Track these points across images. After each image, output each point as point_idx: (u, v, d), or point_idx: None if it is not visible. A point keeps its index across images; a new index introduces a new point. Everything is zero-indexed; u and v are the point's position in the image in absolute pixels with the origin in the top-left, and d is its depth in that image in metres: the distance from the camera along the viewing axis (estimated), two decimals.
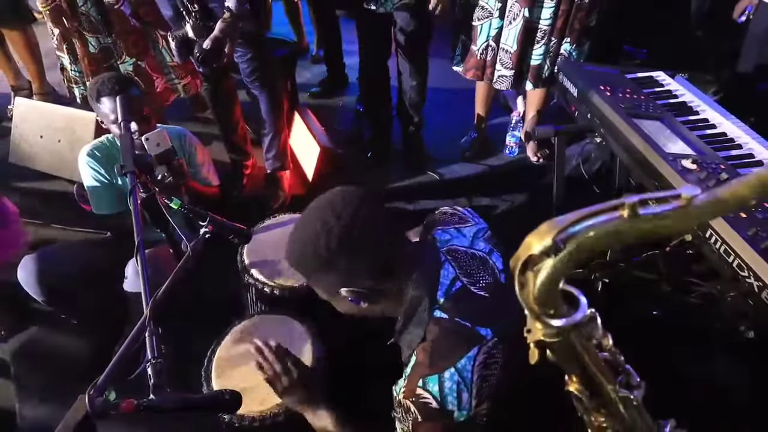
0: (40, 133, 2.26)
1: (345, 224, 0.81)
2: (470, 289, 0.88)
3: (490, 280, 0.91)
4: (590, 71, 1.64)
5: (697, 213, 0.35)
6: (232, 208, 2.19)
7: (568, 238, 0.37)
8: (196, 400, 0.90)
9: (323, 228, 0.82)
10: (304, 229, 0.86)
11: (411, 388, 0.82)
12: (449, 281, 0.88)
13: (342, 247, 0.81)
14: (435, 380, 0.80)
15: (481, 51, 2.18)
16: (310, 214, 0.87)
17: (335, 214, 0.83)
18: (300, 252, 0.86)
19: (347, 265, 0.83)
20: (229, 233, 1.31)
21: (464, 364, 0.80)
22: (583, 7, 2.01)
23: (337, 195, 0.87)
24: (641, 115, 1.39)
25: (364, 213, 0.83)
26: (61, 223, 2.25)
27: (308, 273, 0.89)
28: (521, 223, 2.20)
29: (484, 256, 0.95)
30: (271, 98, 2.07)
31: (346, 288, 0.85)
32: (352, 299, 0.87)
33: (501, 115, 2.76)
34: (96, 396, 0.68)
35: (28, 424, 1.72)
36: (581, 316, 0.41)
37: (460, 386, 0.79)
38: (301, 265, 0.88)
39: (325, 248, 0.81)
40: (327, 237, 0.81)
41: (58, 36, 2.08)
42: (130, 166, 1.12)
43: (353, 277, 0.84)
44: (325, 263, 0.83)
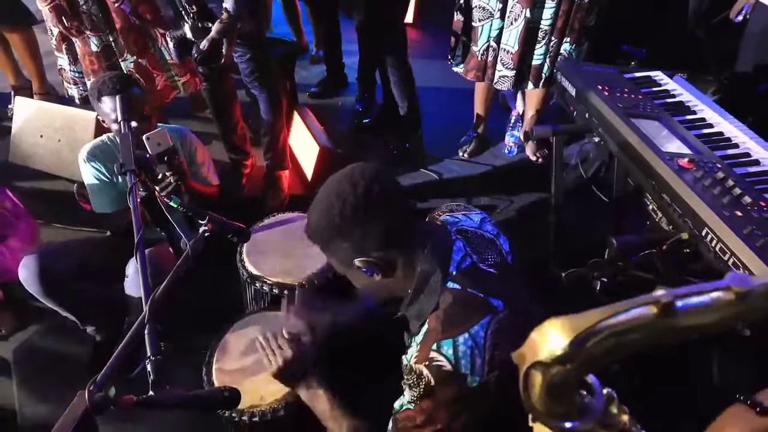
0: (40, 133, 2.26)
1: (360, 193, 0.84)
2: (479, 266, 0.91)
3: (498, 260, 0.95)
4: (588, 71, 1.65)
5: (751, 306, 0.29)
6: (232, 208, 2.20)
7: (585, 344, 0.32)
8: (195, 396, 0.91)
9: (339, 197, 0.85)
10: (321, 200, 0.89)
11: (425, 353, 0.83)
12: (460, 257, 0.91)
13: (356, 214, 0.84)
14: (449, 344, 0.81)
15: (481, 52, 2.19)
16: (327, 187, 0.90)
17: (351, 183, 0.86)
18: (317, 221, 0.89)
19: (361, 234, 0.85)
20: (229, 232, 1.31)
21: (477, 330, 0.82)
22: (583, 7, 2.02)
23: (354, 168, 0.90)
24: (639, 115, 1.40)
25: (378, 184, 0.87)
26: (62, 222, 2.26)
27: (325, 242, 0.91)
28: (520, 222, 2.22)
29: (492, 237, 0.99)
30: (270, 98, 2.08)
31: (359, 258, 0.87)
32: (366, 269, 0.89)
33: (500, 114, 2.77)
34: (96, 392, 0.69)
35: (28, 422, 1.72)
36: (599, 411, 0.35)
37: (474, 351, 0.81)
38: (318, 233, 0.90)
39: (340, 216, 0.84)
40: (342, 205, 0.84)
41: (57, 36, 2.09)
42: (130, 165, 1.13)
43: (366, 247, 0.86)
44: (340, 231, 0.86)
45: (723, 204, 1.09)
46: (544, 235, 1.85)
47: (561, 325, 0.33)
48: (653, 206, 1.48)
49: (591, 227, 1.93)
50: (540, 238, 1.83)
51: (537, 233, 1.88)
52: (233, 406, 0.96)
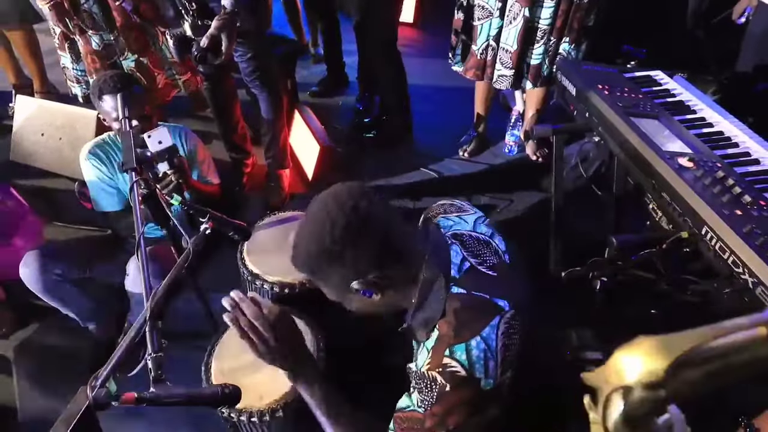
0: (41, 131, 2.27)
1: (348, 212, 0.82)
2: (479, 268, 0.90)
3: (495, 261, 0.94)
4: (588, 70, 1.65)
5: None
6: (233, 206, 2.21)
7: (684, 368, 0.28)
8: (197, 393, 0.91)
9: (327, 220, 0.82)
10: (308, 227, 0.86)
11: (438, 360, 0.82)
12: (459, 261, 0.90)
13: (348, 235, 0.81)
14: (462, 348, 0.81)
15: (481, 51, 2.19)
16: (312, 212, 0.87)
17: (337, 203, 0.83)
18: (306, 250, 0.85)
19: (354, 255, 0.82)
20: (230, 230, 1.32)
21: (488, 332, 0.82)
22: (582, 7, 2.02)
23: (338, 189, 0.87)
24: (639, 114, 1.40)
25: (366, 202, 0.84)
26: (63, 220, 2.26)
27: (317, 271, 0.87)
28: (520, 221, 2.22)
29: (487, 239, 0.98)
30: (270, 97, 2.08)
31: (356, 280, 0.84)
32: (364, 291, 0.86)
33: (500, 114, 2.77)
34: (97, 388, 0.69)
35: (29, 419, 1.73)
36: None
37: (487, 354, 0.81)
38: (309, 263, 0.86)
39: (331, 240, 0.81)
40: (332, 229, 0.81)
41: (59, 35, 2.10)
42: (131, 163, 1.13)
43: (362, 268, 0.84)
44: (333, 256, 0.83)
45: (723, 203, 1.10)
46: (543, 235, 1.85)
47: (656, 347, 0.30)
48: (653, 205, 1.48)
49: (591, 226, 1.93)
50: (540, 237, 1.83)
51: (537, 232, 1.88)
52: (234, 403, 0.97)
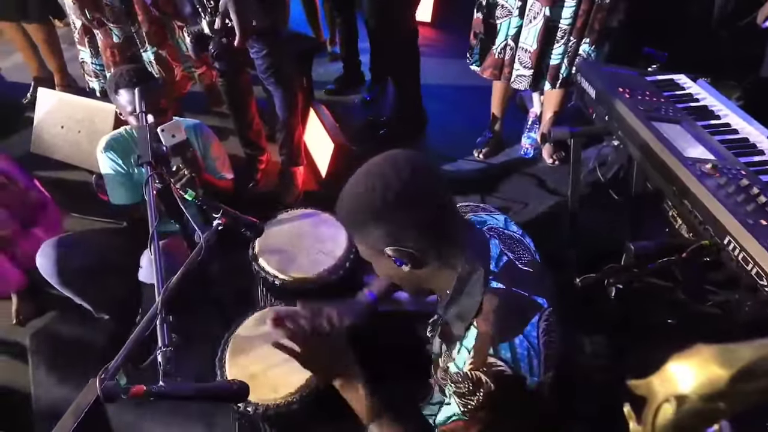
0: (61, 124, 2.30)
1: (404, 178, 0.81)
2: (516, 263, 0.89)
3: (530, 258, 0.92)
4: (609, 72, 1.62)
5: None
6: (246, 203, 2.22)
7: (746, 381, 0.27)
8: (205, 388, 0.91)
9: (381, 180, 0.81)
10: (359, 182, 0.84)
11: (481, 359, 0.80)
12: (497, 255, 0.88)
13: (398, 200, 0.80)
14: (507, 347, 0.79)
15: (499, 50, 2.16)
16: (367, 169, 0.85)
17: (395, 168, 0.82)
18: (353, 203, 0.84)
19: (398, 220, 0.81)
20: (242, 226, 1.32)
21: (530, 330, 0.80)
22: (604, 8, 1.98)
23: (397, 153, 0.86)
24: (660, 119, 1.37)
25: (423, 172, 0.83)
26: (80, 212, 2.30)
27: (357, 225, 0.86)
28: (534, 225, 2.20)
29: (519, 236, 0.97)
30: (285, 94, 2.08)
31: (391, 246, 0.83)
32: (396, 259, 0.84)
33: (517, 115, 2.73)
34: (107, 380, 0.69)
35: (43, 406, 1.76)
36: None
37: (530, 352, 0.79)
38: (351, 216, 0.86)
39: (381, 199, 0.80)
40: (384, 189, 0.80)
41: (80, 29, 2.13)
42: (146, 157, 1.14)
43: (402, 234, 0.82)
44: (377, 215, 0.81)
45: (747, 212, 1.06)
46: (558, 239, 1.82)
47: (716, 356, 0.28)
48: (673, 212, 1.44)
49: (607, 232, 1.90)
50: (554, 242, 1.81)
51: (551, 237, 1.85)
52: (242, 399, 0.97)
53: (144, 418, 1.64)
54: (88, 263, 1.69)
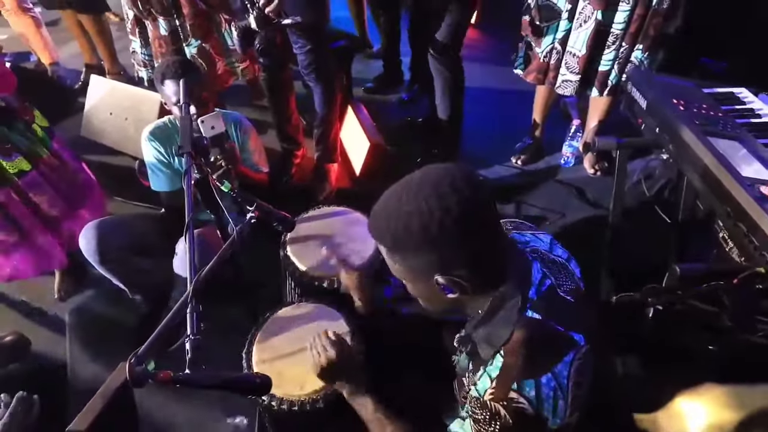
0: (109, 111, 2.40)
1: (465, 203, 0.73)
2: (557, 291, 0.84)
3: (572, 286, 0.87)
4: (662, 82, 1.54)
5: None
6: (279, 196, 2.24)
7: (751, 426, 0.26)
8: (228, 379, 0.92)
9: (440, 202, 0.73)
10: (409, 200, 0.75)
11: (503, 392, 0.76)
12: (539, 280, 0.83)
13: (458, 226, 0.73)
14: (532, 385, 0.75)
15: (544, 54, 2.10)
16: (417, 186, 0.76)
17: (455, 189, 0.74)
18: (403, 225, 0.75)
19: (455, 248, 0.75)
20: (274, 220, 1.33)
21: (561, 369, 0.76)
22: (660, 13, 1.88)
23: (455, 171, 0.77)
24: (717, 134, 1.29)
25: (482, 194, 0.76)
26: (123, 196, 2.38)
27: (403, 248, 0.78)
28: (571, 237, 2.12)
29: (564, 262, 0.91)
30: (325, 91, 2.09)
31: (443, 275, 0.77)
32: (445, 287, 0.79)
33: (560, 123, 2.65)
34: (136, 365, 0.70)
35: (77, 378, 1.83)
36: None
37: (557, 393, 0.75)
38: (401, 239, 0.76)
39: (439, 224, 0.72)
40: (443, 213, 0.72)
41: (132, 20, 2.20)
42: (187, 147, 1.16)
43: (455, 262, 0.76)
44: (432, 241, 0.74)
45: None
46: (596, 254, 1.74)
47: (726, 398, 0.26)
48: (724, 234, 1.35)
49: (649, 250, 1.80)
50: (591, 256, 1.73)
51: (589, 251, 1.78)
52: (263, 393, 0.97)
53: (171, 399, 1.68)
54: (126, 246, 1.75)
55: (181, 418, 1.66)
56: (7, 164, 1.75)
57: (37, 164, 1.83)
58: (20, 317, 2.18)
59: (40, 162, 1.84)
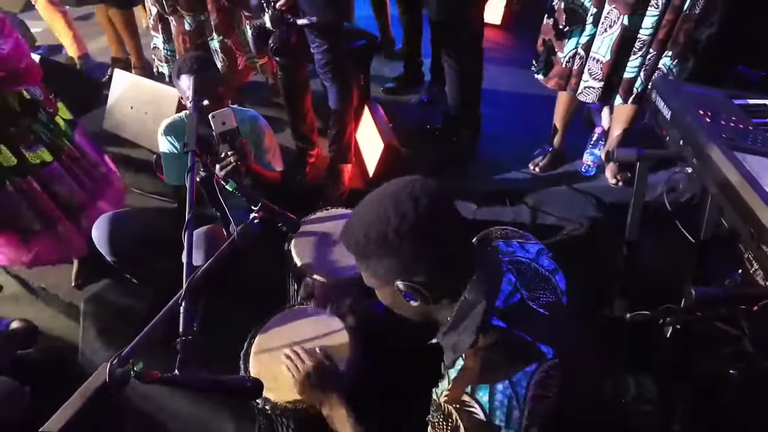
0: (131, 104, 2.44)
1: (421, 210, 0.77)
2: (529, 303, 0.83)
3: (551, 299, 0.85)
4: (690, 92, 1.45)
5: None
6: (291, 195, 2.24)
7: None
8: (219, 382, 0.91)
9: (397, 210, 0.77)
10: (371, 209, 0.81)
11: (456, 394, 0.76)
12: (509, 291, 0.82)
13: (414, 233, 0.76)
14: (486, 390, 0.74)
15: (567, 59, 2.03)
16: (380, 196, 0.82)
17: (412, 198, 0.78)
18: (364, 232, 0.80)
19: (412, 254, 0.78)
20: (279, 220, 1.32)
21: (520, 378, 0.74)
22: (692, 18, 1.78)
23: (414, 181, 0.82)
24: (746, 149, 1.21)
25: (440, 203, 0.79)
26: (141, 188, 2.43)
27: (366, 255, 0.82)
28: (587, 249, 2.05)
29: (548, 274, 0.90)
30: (340, 91, 2.07)
31: (403, 280, 0.80)
32: (406, 293, 0.81)
33: (582, 130, 2.56)
34: (117, 366, 0.70)
35: (88, 367, 1.87)
36: None
37: (512, 402, 0.73)
38: (362, 247, 0.81)
39: (395, 231, 0.76)
40: (399, 220, 0.76)
41: (155, 16, 2.24)
42: (192, 145, 1.17)
43: (414, 268, 0.79)
44: (390, 247, 0.78)
45: None
46: (611, 267, 1.67)
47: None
48: (749, 255, 1.28)
49: (668, 268, 1.73)
50: (606, 269, 1.67)
51: (604, 263, 1.71)
52: (255, 397, 0.96)
53: (174, 396, 1.70)
54: (139, 239, 1.77)
55: (182, 418, 1.68)
56: (29, 155, 1.80)
57: (58, 156, 1.87)
58: (38, 303, 2.25)
59: (62, 154, 1.89)
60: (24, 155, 1.78)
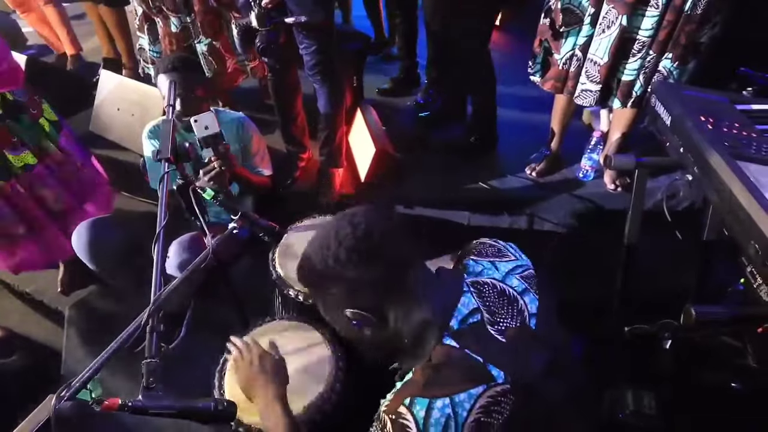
0: (117, 106, 2.39)
1: (359, 236, 0.78)
2: (487, 327, 0.80)
3: (512, 324, 0.82)
4: (691, 96, 1.39)
5: None
6: (281, 200, 2.19)
7: None
8: (188, 407, 0.86)
9: (335, 237, 0.78)
10: (318, 237, 0.83)
11: (394, 405, 0.74)
12: (467, 312, 0.80)
13: (351, 260, 0.77)
14: (424, 404, 0.71)
15: (564, 61, 1.96)
16: (326, 227, 0.83)
17: (352, 224, 0.79)
18: (309, 262, 0.82)
19: (353, 279, 0.77)
20: (260, 231, 1.27)
21: (462, 399, 0.71)
22: (694, 19, 1.71)
23: (359, 209, 0.84)
24: (749, 158, 1.14)
25: (380, 227, 0.80)
26: (129, 192, 2.38)
27: (313, 284, 0.85)
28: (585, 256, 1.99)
29: (515, 294, 0.86)
30: (330, 94, 2.02)
31: (350, 308, 0.80)
32: (356, 322, 0.81)
33: (580, 133, 2.49)
34: (64, 398, 0.64)
35: (70, 371, 1.83)
36: None
37: (449, 422, 0.70)
38: (307, 275, 0.84)
39: (334, 258, 0.77)
40: (337, 246, 0.77)
41: (140, 16, 2.19)
42: (165, 153, 1.11)
43: (358, 295, 0.79)
44: (332, 275, 0.78)
45: None
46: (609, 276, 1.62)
47: None
48: (752, 268, 1.21)
49: (668, 279, 1.67)
50: (604, 278, 1.61)
51: (602, 272, 1.65)
52: (227, 421, 0.91)
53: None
54: (120, 248, 1.73)
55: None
56: (13, 157, 1.76)
57: (42, 158, 1.83)
58: (23, 309, 2.21)
59: (47, 156, 1.85)
60: (7, 158, 1.74)
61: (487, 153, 2.46)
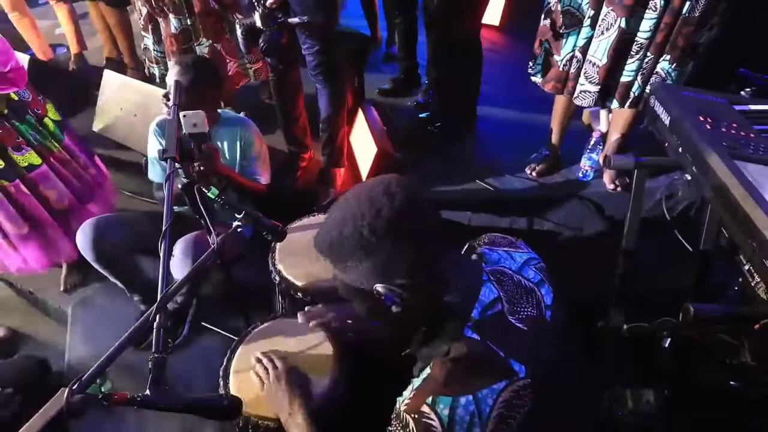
0: (120, 106, 2.40)
1: (397, 207, 0.72)
2: (508, 317, 0.78)
3: (532, 314, 0.80)
4: (689, 97, 1.41)
5: None
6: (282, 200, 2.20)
7: None
8: (193, 401, 0.87)
9: (371, 206, 0.72)
10: (346, 207, 0.75)
11: (416, 404, 0.72)
12: (489, 301, 0.78)
13: (390, 229, 0.71)
14: (448, 402, 0.70)
15: (564, 62, 1.98)
16: (356, 194, 0.77)
17: (388, 194, 0.73)
18: (338, 231, 0.74)
19: (388, 254, 0.72)
20: (264, 229, 1.28)
21: (485, 395, 0.70)
22: (691, 21, 1.73)
23: (391, 179, 0.77)
24: (747, 158, 1.16)
25: (417, 200, 0.75)
26: (131, 191, 2.39)
27: (342, 258, 0.76)
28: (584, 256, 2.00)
29: (532, 286, 0.85)
30: (332, 94, 2.03)
31: (382, 283, 0.74)
32: (386, 296, 0.75)
33: (580, 133, 2.51)
34: (75, 393, 0.66)
35: (72, 369, 1.84)
36: None
37: (474, 419, 0.69)
38: (336, 248, 0.75)
39: (370, 229, 0.71)
40: (375, 218, 0.71)
41: (144, 16, 2.20)
42: (171, 152, 1.13)
43: (392, 269, 0.74)
44: (366, 247, 0.72)
45: None
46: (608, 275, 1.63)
47: None
48: (750, 267, 1.23)
49: (666, 278, 1.69)
50: (603, 277, 1.63)
51: (601, 271, 1.67)
52: (233, 417, 0.92)
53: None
54: (124, 245, 1.74)
55: None
56: (17, 157, 1.77)
57: (47, 158, 1.84)
58: (26, 307, 2.22)
59: (51, 156, 1.86)
60: (12, 158, 1.75)
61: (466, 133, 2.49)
